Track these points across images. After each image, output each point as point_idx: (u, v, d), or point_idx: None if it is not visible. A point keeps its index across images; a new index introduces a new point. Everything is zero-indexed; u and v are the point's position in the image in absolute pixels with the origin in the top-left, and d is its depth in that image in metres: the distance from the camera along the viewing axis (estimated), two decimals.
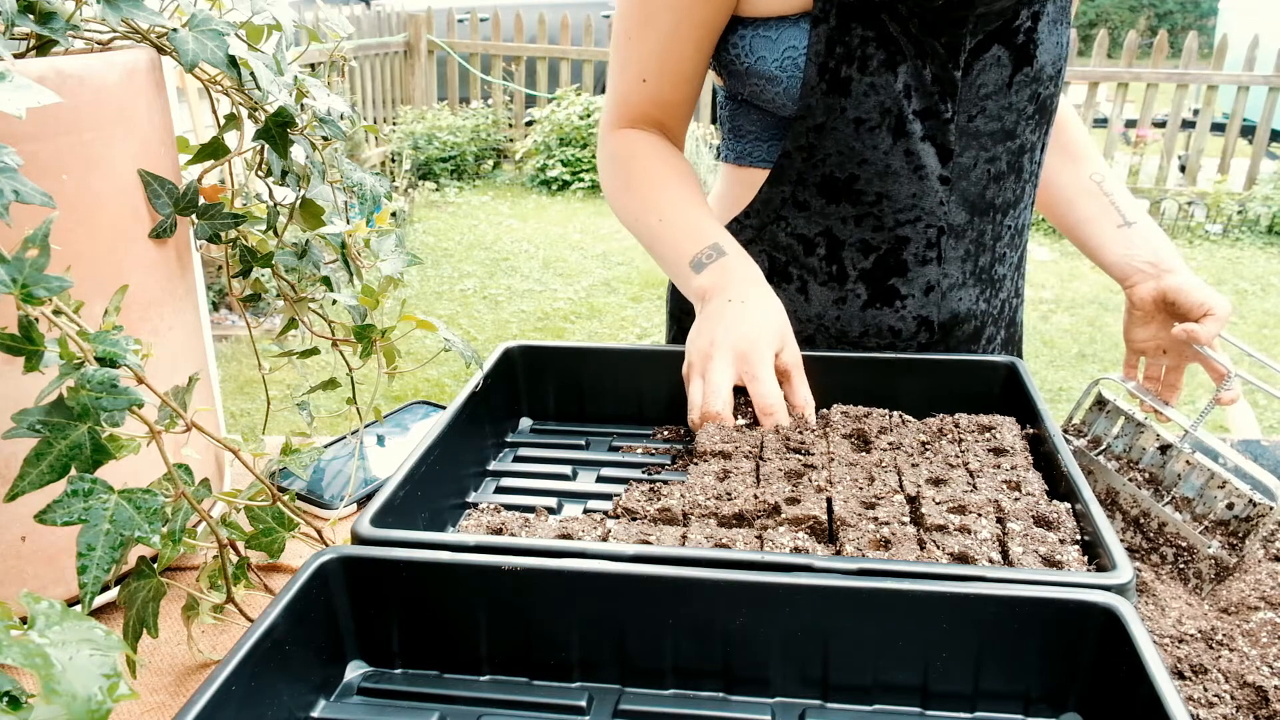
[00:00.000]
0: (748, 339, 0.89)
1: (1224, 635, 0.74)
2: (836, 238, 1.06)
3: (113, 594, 0.78)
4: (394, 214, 5.90)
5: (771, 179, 1.06)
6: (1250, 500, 0.81)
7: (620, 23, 1.06)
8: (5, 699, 0.39)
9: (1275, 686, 0.68)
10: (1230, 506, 0.82)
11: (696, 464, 0.81)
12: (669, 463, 0.90)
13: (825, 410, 0.91)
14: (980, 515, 0.71)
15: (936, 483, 0.77)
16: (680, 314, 1.23)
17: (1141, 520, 0.86)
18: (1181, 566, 0.83)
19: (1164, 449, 0.87)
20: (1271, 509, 0.79)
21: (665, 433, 0.97)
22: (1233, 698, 0.68)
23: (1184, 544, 0.83)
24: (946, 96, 1.00)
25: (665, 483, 0.80)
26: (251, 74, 0.76)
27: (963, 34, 0.97)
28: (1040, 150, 1.09)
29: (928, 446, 0.84)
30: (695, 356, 0.90)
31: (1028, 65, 1.01)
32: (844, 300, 1.09)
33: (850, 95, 0.99)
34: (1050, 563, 0.66)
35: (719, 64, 1.07)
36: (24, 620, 0.41)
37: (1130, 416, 0.91)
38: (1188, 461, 0.85)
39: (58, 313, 0.57)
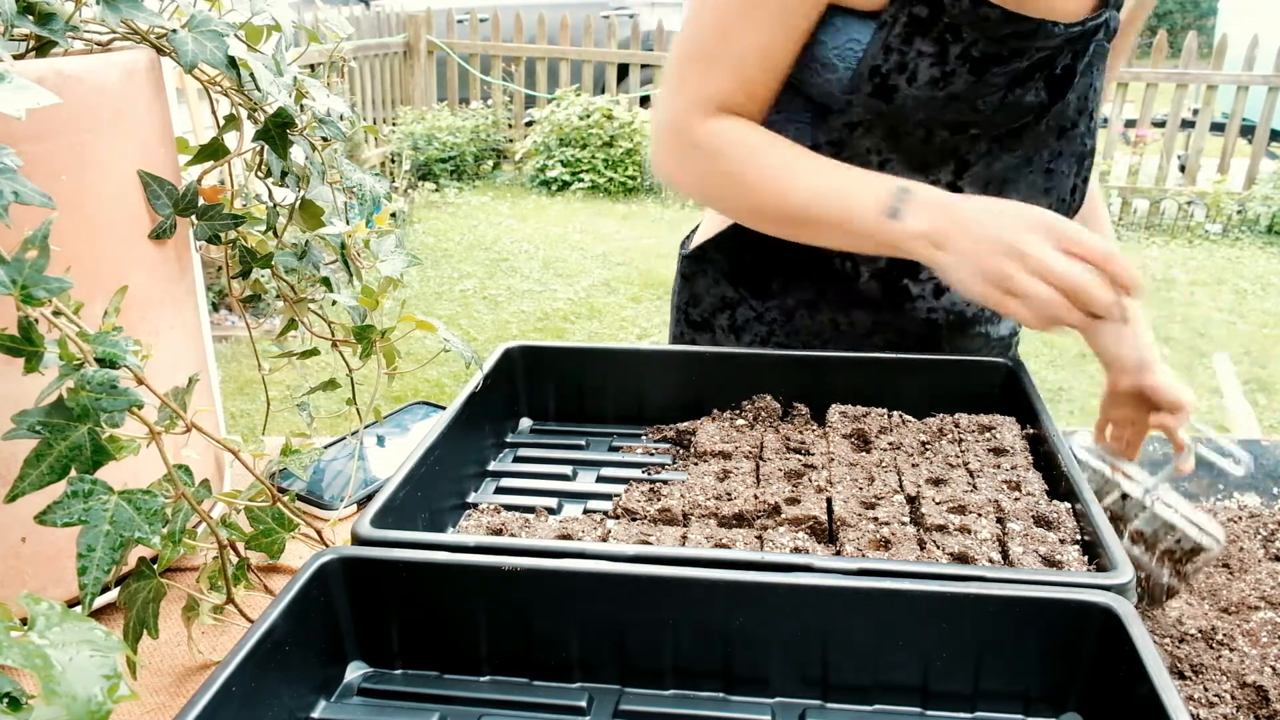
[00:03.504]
0: (1040, 214, 0.85)
1: (1224, 635, 0.74)
2: None
3: (113, 595, 0.77)
4: (393, 214, 5.90)
5: None
6: (1198, 544, 0.83)
7: (715, 13, 1.01)
8: (6, 700, 0.39)
9: (1275, 686, 0.68)
10: (1179, 542, 0.85)
11: (696, 464, 0.81)
12: (669, 463, 0.90)
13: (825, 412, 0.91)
14: (980, 515, 0.71)
15: (936, 483, 0.77)
16: (686, 307, 1.22)
17: None
18: (1139, 591, 0.86)
19: (1124, 497, 0.90)
20: (1213, 549, 0.84)
21: (662, 433, 0.97)
22: (1233, 697, 0.68)
23: (1142, 574, 0.85)
24: (983, 117, 0.99)
25: (665, 483, 0.80)
26: (251, 75, 0.76)
27: (1017, 61, 0.97)
28: (1071, 181, 1.08)
29: (928, 446, 0.84)
30: (1007, 252, 0.84)
31: (1060, 98, 1.01)
32: (856, 299, 1.09)
33: (892, 103, 0.98)
34: (1050, 563, 0.66)
35: None
36: (24, 621, 0.41)
37: (1097, 470, 0.93)
38: (1144, 507, 0.88)
39: (57, 314, 0.57)
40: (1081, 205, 1.11)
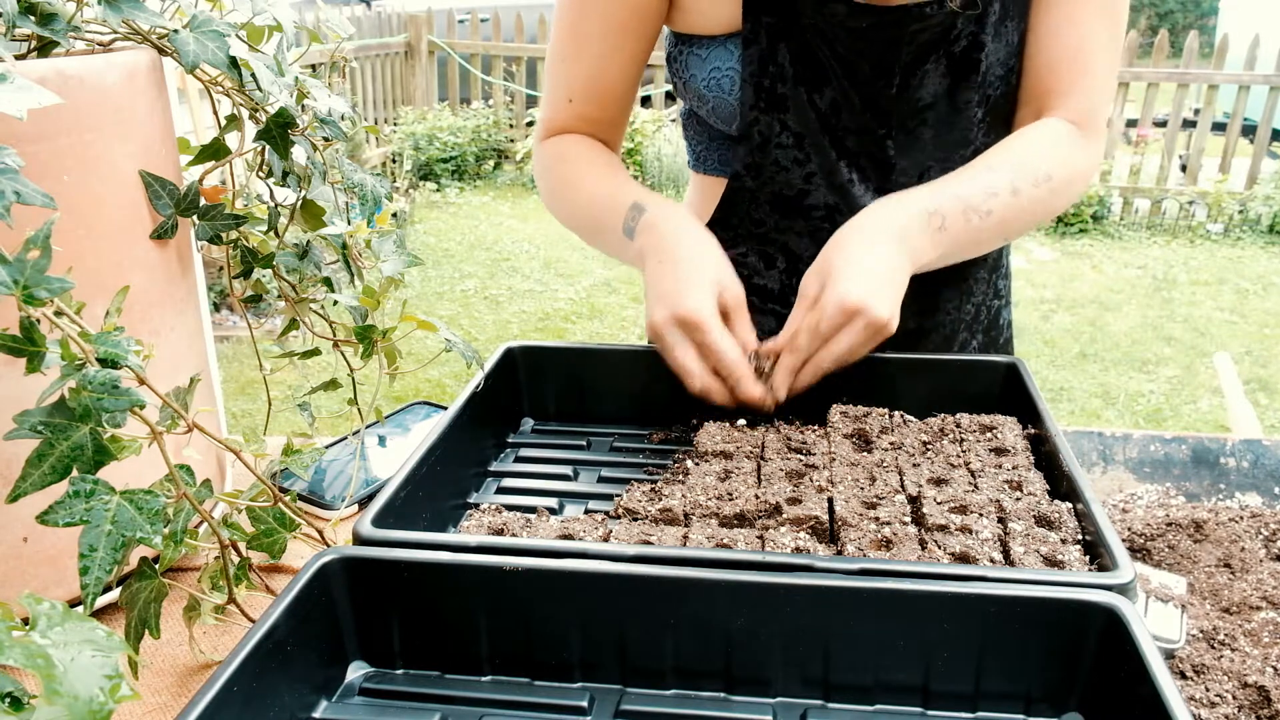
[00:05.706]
0: (684, 305, 0.87)
1: (1226, 635, 0.74)
2: (794, 252, 1.07)
3: (114, 595, 0.77)
4: (395, 215, 5.90)
5: (724, 202, 1.07)
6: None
7: (553, 45, 1.09)
8: (7, 700, 0.39)
9: (1277, 686, 0.68)
10: None
11: (698, 464, 0.81)
12: (670, 463, 0.90)
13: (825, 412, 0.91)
14: (982, 515, 0.71)
15: (938, 483, 0.77)
16: None
17: None
18: None
19: None
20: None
21: (663, 435, 0.97)
22: (1234, 697, 0.68)
23: None
24: (882, 112, 0.99)
25: (666, 483, 0.80)
26: (252, 75, 0.76)
27: (896, 52, 0.96)
28: (979, 132, 1.07)
29: (929, 446, 0.84)
30: (650, 334, 0.90)
31: (971, 72, 0.99)
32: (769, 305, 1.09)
33: (789, 111, 0.99)
34: (1052, 562, 0.66)
35: (669, 75, 1.10)
36: (26, 621, 0.41)
37: None
38: None
39: (59, 314, 0.57)
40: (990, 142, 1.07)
